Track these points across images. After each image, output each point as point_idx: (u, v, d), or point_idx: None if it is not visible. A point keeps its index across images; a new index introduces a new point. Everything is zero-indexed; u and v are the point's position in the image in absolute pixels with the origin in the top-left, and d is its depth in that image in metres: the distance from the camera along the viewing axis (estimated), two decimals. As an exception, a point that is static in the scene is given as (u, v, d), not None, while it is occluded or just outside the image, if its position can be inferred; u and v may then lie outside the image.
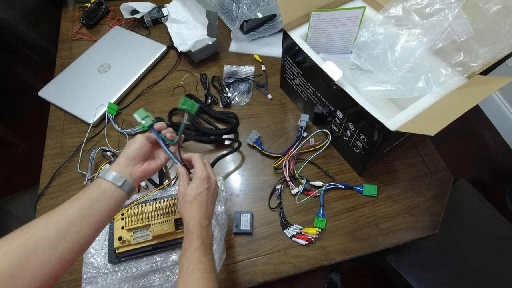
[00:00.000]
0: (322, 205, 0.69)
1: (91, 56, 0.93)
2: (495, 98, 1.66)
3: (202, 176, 0.51)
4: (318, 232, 0.66)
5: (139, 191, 0.72)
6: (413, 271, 0.85)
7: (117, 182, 0.47)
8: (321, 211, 0.69)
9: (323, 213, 0.69)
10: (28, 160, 1.59)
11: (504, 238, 0.91)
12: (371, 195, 0.71)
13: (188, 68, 0.93)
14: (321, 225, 0.67)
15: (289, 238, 0.67)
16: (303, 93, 0.76)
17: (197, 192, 0.50)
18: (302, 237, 0.66)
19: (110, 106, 0.82)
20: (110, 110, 0.81)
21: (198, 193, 0.50)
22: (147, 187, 0.72)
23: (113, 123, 0.81)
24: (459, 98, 0.54)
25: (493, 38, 0.54)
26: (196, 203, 0.50)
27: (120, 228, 0.64)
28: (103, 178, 0.47)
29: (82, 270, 0.63)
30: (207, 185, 0.52)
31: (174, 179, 0.72)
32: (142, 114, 0.51)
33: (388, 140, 0.58)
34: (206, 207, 0.51)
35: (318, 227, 0.67)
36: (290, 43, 0.68)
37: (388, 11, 0.62)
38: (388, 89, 0.59)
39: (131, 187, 0.49)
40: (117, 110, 0.83)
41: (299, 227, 0.67)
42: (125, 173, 0.48)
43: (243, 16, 0.89)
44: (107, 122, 0.81)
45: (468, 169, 1.58)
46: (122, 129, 0.81)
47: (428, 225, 0.68)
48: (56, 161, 0.77)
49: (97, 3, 1.03)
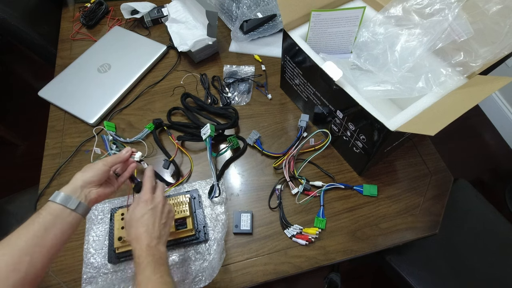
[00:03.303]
0: (322, 205, 0.69)
1: (91, 56, 0.93)
2: (495, 98, 1.66)
3: (144, 198, 0.52)
4: (318, 232, 0.66)
5: None
6: (413, 271, 0.85)
7: (71, 205, 0.47)
8: (321, 211, 0.69)
9: (323, 213, 0.69)
10: (28, 160, 1.59)
11: (504, 238, 0.91)
12: (371, 195, 0.71)
13: (188, 68, 0.93)
14: (321, 225, 0.67)
15: (289, 238, 0.67)
16: (303, 93, 0.76)
17: (140, 214, 0.50)
18: (302, 237, 0.66)
19: (107, 124, 0.79)
20: (109, 128, 0.79)
21: (141, 215, 0.50)
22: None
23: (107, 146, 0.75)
24: (459, 98, 0.54)
25: (493, 38, 0.54)
26: (139, 225, 0.49)
27: (120, 228, 0.64)
28: (55, 202, 0.46)
29: (82, 270, 0.63)
30: (151, 206, 0.51)
31: (187, 176, 0.74)
32: None
33: (388, 140, 0.58)
34: (153, 228, 0.50)
35: (318, 227, 0.67)
36: (290, 43, 0.68)
37: (388, 11, 0.62)
38: (388, 89, 0.59)
39: (85, 209, 0.49)
40: (114, 126, 0.81)
41: (299, 227, 0.67)
42: (80, 196, 0.48)
43: (243, 16, 0.89)
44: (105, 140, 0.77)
45: (468, 169, 1.58)
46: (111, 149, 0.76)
47: (428, 225, 0.68)
48: (56, 161, 0.77)
49: (97, 3, 1.03)
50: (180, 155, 0.78)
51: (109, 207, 0.69)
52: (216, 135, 0.75)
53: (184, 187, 0.72)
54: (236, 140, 0.76)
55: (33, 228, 0.43)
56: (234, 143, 0.75)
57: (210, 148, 0.69)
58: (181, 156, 0.78)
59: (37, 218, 0.44)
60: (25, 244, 0.41)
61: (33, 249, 0.42)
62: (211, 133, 0.69)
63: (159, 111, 0.84)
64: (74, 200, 0.47)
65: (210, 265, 0.62)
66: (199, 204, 0.69)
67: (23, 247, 0.41)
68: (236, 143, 0.76)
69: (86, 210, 0.49)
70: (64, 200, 0.47)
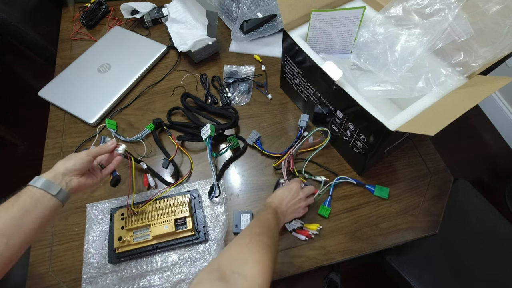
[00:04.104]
0: (330, 195, 0.71)
1: (91, 56, 0.93)
2: (495, 98, 1.66)
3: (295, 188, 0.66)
4: (319, 228, 0.67)
5: (148, 190, 0.72)
6: (413, 271, 0.85)
7: (52, 191, 0.47)
8: (328, 200, 0.70)
9: (329, 202, 0.70)
10: (28, 160, 1.59)
11: (504, 238, 0.91)
12: (381, 196, 0.71)
13: (188, 68, 0.93)
14: (325, 213, 0.68)
15: (289, 232, 0.67)
16: (303, 93, 0.76)
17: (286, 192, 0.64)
18: (302, 232, 0.66)
19: (109, 122, 0.80)
20: (111, 126, 0.79)
21: (286, 195, 0.63)
22: (156, 186, 0.73)
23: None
24: (459, 98, 0.54)
25: (493, 38, 0.54)
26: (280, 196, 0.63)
27: (120, 228, 0.64)
28: (36, 186, 0.46)
29: (82, 270, 0.63)
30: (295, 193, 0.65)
31: (187, 176, 0.74)
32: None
33: (388, 140, 0.58)
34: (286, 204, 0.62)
35: (322, 214, 0.68)
36: (290, 43, 0.68)
37: (388, 11, 0.62)
38: (388, 89, 0.59)
39: (66, 196, 0.49)
40: (116, 124, 0.81)
41: (300, 222, 0.67)
42: (61, 183, 0.49)
43: (243, 16, 0.89)
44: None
45: (468, 169, 1.58)
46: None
47: (428, 225, 0.68)
48: (56, 161, 0.75)
49: (97, 3, 1.03)
50: (180, 155, 0.78)
51: (109, 207, 0.69)
52: (216, 135, 0.75)
53: (184, 187, 0.72)
54: (236, 140, 0.76)
55: (12, 210, 0.43)
56: (234, 143, 0.75)
57: (210, 148, 0.69)
58: (181, 156, 0.78)
59: (17, 201, 0.44)
60: (2, 225, 0.41)
61: (11, 231, 0.42)
62: (211, 133, 0.69)
63: (159, 111, 0.84)
64: (55, 185, 0.48)
65: (210, 265, 0.62)
66: (199, 204, 0.69)
67: (1, 228, 0.41)
68: (236, 143, 0.76)
69: (66, 198, 0.50)
70: (45, 185, 0.47)
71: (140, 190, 0.72)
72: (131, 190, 0.66)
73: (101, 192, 0.72)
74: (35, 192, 0.46)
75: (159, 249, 0.64)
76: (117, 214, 0.65)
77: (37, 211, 0.45)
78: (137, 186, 0.73)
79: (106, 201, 0.70)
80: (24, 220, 0.43)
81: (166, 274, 0.63)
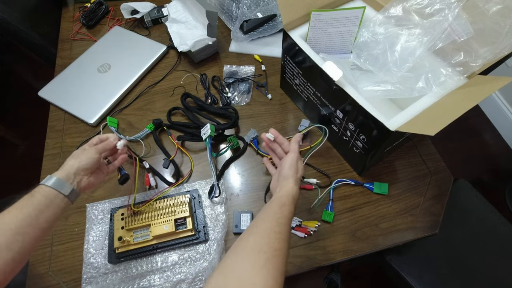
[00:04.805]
0: (331, 199, 0.70)
1: (91, 56, 0.93)
2: (495, 98, 1.66)
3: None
4: (317, 226, 0.67)
5: (148, 189, 0.72)
6: (413, 271, 0.85)
7: (65, 191, 0.47)
8: (329, 205, 0.69)
9: (331, 207, 0.70)
10: (28, 160, 1.59)
11: (504, 238, 0.91)
12: (381, 193, 0.71)
13: (188, 68, 0.93)
14: (329, 218, 0.68)
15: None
16: (303, 93, 0.76)
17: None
18: (301, 229, 0.66)
19: (110, 120, 0.80)
20: (112, 124, 0.80)
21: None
22: (157, 186, 0.73)
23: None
24: (459, 98, 0.54)
25: (493, 38, 0.54)
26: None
27: (120, 228, 0.64)
28: (50, 186, 0.47)
29: (82, 270, 0.63)
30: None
31: (187, 176, 0.74)
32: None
33: (388, 140, 0.58)
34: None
35: (326, 219, 0.68)
36: (290, 43, 0.68)
37: (388, 11, 0.62)
38: (388, 89, 0.59)
39: (77, 195, 0.50)
40: (117, 123, 0.82)
41: (299, 220, 0.67)
42: (73, 183, 0.49)
43: (243, 16, 0.89)
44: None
45: (468, 169, 1.58)
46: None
47: (428, 225, 0.68)
48: (56, 161, 0.77)
49: (97, 3, 1.03)
50: (180, 155, 0.78)
51: (109, 207, 0.69)
52: (216, 135, 0.75)
53: (184, 187, 0.72)
54: (236, 140, 0.76)
55: (27, 209, 0.44)
56: (234, 143, 0.75)
57: (210, 148, 0.69)
58: (181, 156, 0.78)
59: (31, 200, 0.45)
60: (19, 224, 0.42)
61: (26, 230, 0.42)
62: (211, 133, 0.69)
63: (159, 111, 0.84)
64: (68, 186, 0.48)
65: (210, 265, 0.62)
66: (199, 204, 0.69)
67: (17, 227, 0.42)
68: (236, 143, 0.76)
69: (76, 197, 0.50)
70: (58, 185, 0.47)
71: (141, 189, 0.72)
72: (133, 189, 0.66)
73: (101, 192, 0.72)
74: (48, 191, 0.47)
75: (159, 249, 0.64)
76: (117, 214, 0.66)
77: (50, 210, 0.46)
78: (138, 185, 0.73)
79: (106, 201, 0.70)
80: (38, 220, 0.44)
81: (166, 274, 0.63)
